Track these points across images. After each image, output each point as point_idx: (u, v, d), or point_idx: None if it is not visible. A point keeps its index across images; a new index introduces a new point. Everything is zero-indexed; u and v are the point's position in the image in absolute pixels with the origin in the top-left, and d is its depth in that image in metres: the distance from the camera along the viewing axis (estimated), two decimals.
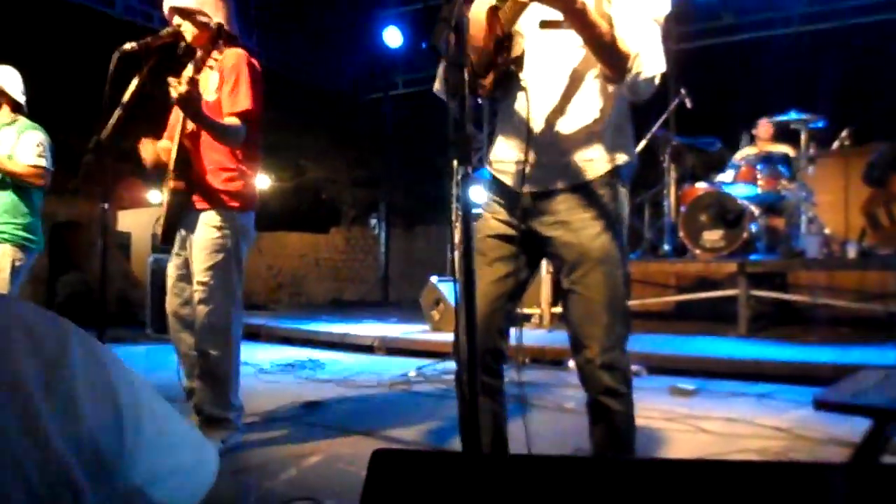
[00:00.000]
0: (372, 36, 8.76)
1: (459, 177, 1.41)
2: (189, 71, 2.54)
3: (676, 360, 4.33)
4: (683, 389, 3.85)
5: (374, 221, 11.51)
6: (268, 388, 4.28)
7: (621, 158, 1.79)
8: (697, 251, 5.87)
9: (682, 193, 6.39)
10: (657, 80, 1.67)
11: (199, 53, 2.69)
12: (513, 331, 1.93)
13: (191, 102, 2.50)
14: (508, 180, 1.85)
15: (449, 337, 5.67)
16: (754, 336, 5.18)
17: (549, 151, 1.78)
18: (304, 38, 9.01)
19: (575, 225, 1.75)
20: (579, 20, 1.57)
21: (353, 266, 11.75)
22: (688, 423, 3.18)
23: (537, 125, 1.78)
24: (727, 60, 7.70)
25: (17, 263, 3.63)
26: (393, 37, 8.67)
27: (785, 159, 6.19)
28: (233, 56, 2.74)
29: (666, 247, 6.37)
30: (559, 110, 1.77)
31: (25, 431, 0.50)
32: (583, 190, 1.76)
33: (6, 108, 3.68)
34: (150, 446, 0.59)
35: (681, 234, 5.99)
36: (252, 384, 4.28)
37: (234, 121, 2.70)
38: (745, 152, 6.53)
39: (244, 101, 2.71)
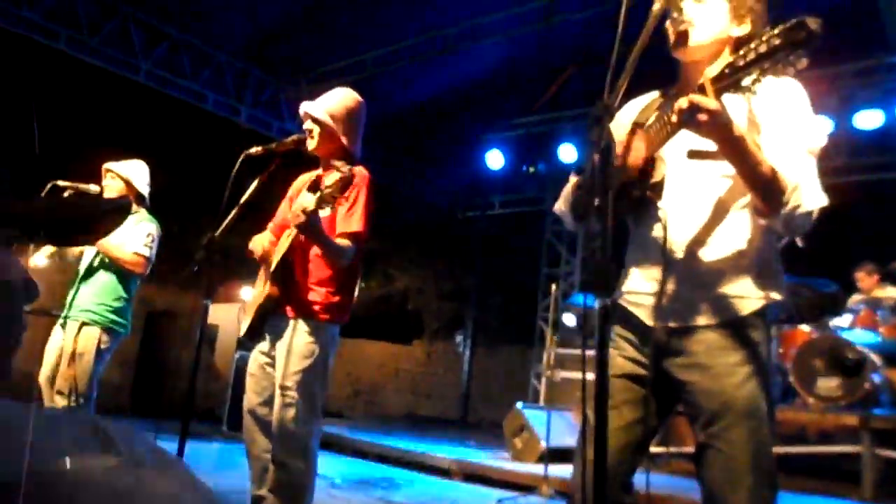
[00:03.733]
0: (475, 157, 9.00)
1: (597, 308, 1.26)
2: (321, 193, 2.48)
3: None
4: None
5: (459, 338, 11.36)
6: None
7: (772, 296, 1.60)
8: (811, 399, 5.37)
9: (781, 335, 5.96)
10: (815, 215, 1.52)
11: (322, 175, 2.73)
12: None
13: (313, 229, 2.52)
14: (642, 314, 1.68)
15: (532, 468, 5.36)
16: (881, 501, 4.58)
17: (690, 284, 1.62)
18: (409, 152, 9.37)
19: (717, 370, 1.55)
20: (735, 151, 1.45)
21: (432, 381, 11.52)
22: None
23: (676, 255, 1.63)
24: (840, 201, 7.39)
25: (103, 346, 3.68)
26: (495, 159, 8.87)
27: None
28: (356, 175, 2.73)
29: (775, 391, 5.88)
30: (701, 241, 1.62)
31: None
32: (727, 329, 1.57)
33: (130, 200, 3.88)
34: None
35: (791, 379, 5.52)
36: (322, 499, 4.07)
37: (346, 242, 2.69)
38: (858, 297, 6.11)
39: (357, 224, 2.70)
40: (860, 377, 5.19)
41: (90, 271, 3.74)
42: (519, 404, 6.08)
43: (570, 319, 7.42)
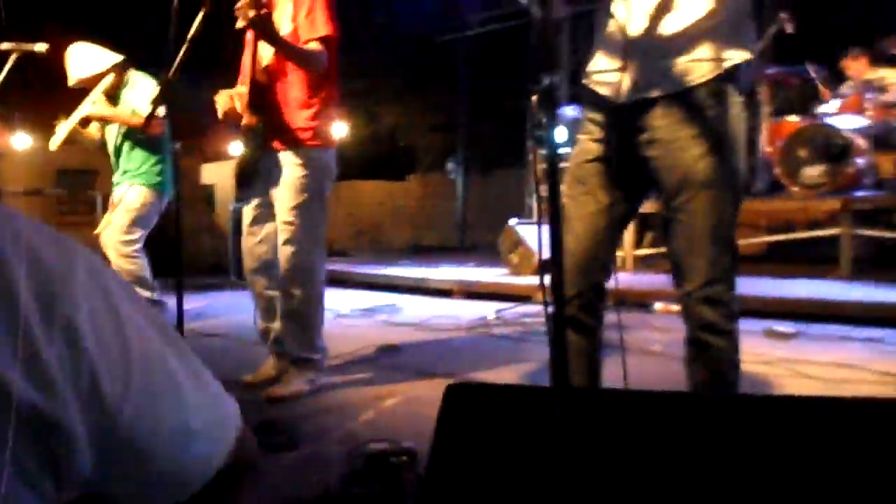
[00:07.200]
0: None
1: (542, 85, 1.25)
2: None
3: (772, 303, 4.06)
4: (781, 332, 3.60)
5: (451, 166, 11.35)
6: (346, 331, 4.29)
7: (735, 58, 1.56)
8: (795, 189, 5.45)
9: (770, 128, 5.91)
10: None
11: None
12: None
13: (264, 24, 2.41)
14: (606, 91, 1.66)
15: (528, 280, 5.59)
16: (858, 278, 4.80)
17: (651, 54, 1.58)
18: None
19: (677, 144, 1.56)
20: None
21: (431, 212, 11.70)
22: (788, 368, 2.96)
23: (637, 26, 1.59)
24: None
25: (149, 203, 3.86)
26: None
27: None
28: None
29: (760, 184, 5.96)
30: (663, 7, 1.57)
31: (17, 355, 0.42)
32: (686, 99, 1.55)
33: (114, 76, 3.81)
34: (161, 399, 0.50)
35: (776, 170, 5.58)
36: (331, 328, 4.25)
37: (315, 45, 2.61)
38: (849, 83, 6.01)
39: (323, 27, 2.61)
40: (844, 162, 5.24)
41: (120, 147, 3.87)
42: (512, 221, 6.22)
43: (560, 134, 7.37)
